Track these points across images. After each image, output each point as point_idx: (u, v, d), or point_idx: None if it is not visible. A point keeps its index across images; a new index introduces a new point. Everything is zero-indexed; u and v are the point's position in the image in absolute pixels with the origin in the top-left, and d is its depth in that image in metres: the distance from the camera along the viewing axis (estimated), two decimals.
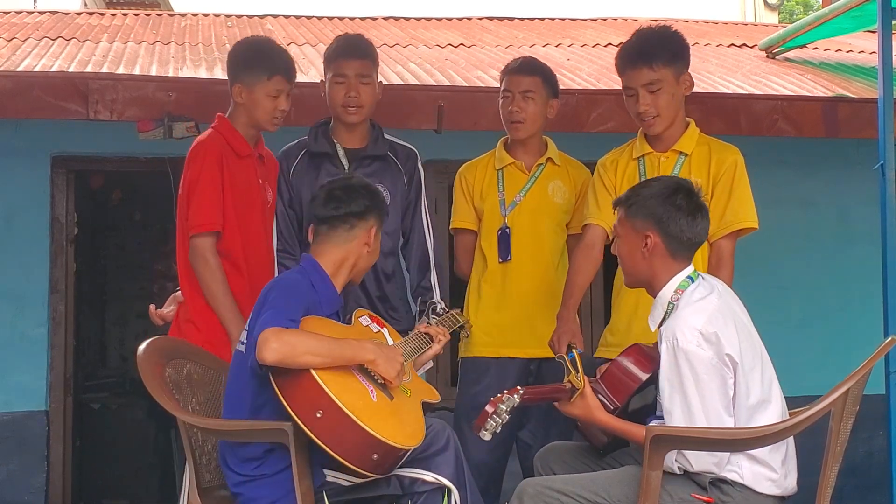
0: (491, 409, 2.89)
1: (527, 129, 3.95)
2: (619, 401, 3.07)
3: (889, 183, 4.17)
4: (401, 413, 3.05)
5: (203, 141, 3.66)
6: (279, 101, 3.64)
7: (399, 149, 3.96)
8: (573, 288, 3.71)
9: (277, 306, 2.96)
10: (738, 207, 3.57)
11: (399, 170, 3.91)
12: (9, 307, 5.50)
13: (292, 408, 2.88)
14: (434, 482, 3.06)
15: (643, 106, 3.56)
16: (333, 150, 3.87)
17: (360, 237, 3.24)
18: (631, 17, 9.22)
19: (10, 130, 5.44)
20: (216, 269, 3.51)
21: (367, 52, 3.91)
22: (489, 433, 2.90)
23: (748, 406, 2.91)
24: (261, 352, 2.84)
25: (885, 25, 4.37)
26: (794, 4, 20.56)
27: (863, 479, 5.59)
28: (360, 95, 3.81)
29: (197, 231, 3.52)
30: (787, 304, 5.91)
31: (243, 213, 3.61)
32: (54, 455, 5.56)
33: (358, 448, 2.88)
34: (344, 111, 3.83)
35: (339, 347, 2.96)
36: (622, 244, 3.11)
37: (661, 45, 3.60)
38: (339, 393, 2.88)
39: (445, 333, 3.47)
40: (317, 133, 3.91)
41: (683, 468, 2.90)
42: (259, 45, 3.82)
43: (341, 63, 3.84)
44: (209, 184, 3.54)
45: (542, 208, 3.97)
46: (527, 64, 4.02)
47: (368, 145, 3.89)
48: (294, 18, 8.17)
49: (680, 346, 2.87)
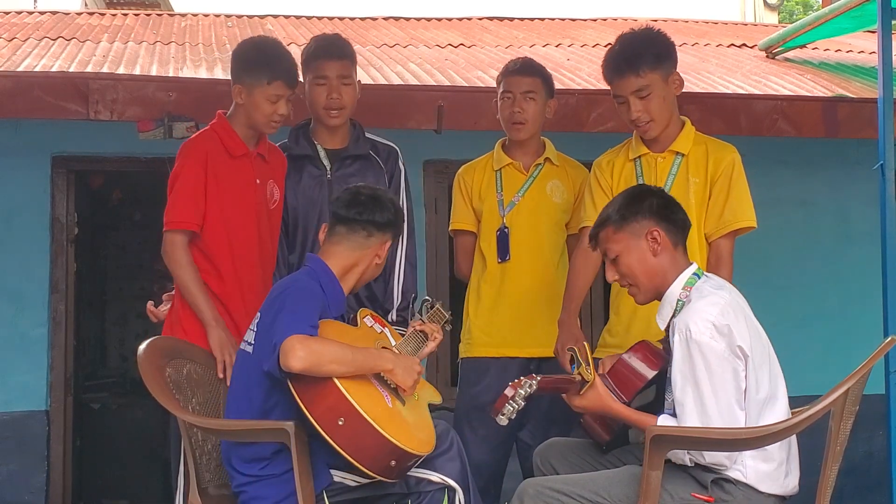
0: (510, 392, 2.93)
1: (528, 130, 3.95)
2: (626, 396, 3.08)
3: (889, 183, 4.17)
4: (414, 418, 3.09)
5: (192, 139, 3.65)
6: (278, 106, 3.60)
7: (381, 147, 3.93)
8: (573, 291, 3.71)
9: (297, 311, 2.96)
10: (737, 206, 3.57)
11: (381, 168, 3.87)
12: (9, 307, 5.50)
13: (313, 415, 2.89)
14: (440, 482, 3.09)
15: (635, 113, 3.53)
16: (314, 151, 3.84)
17: (374, 247, 3.24)
18: (631, 18, 9.22)
19: (10, 130, 5.44)
20: (186, 265, 3.49)
21: (347, 52, 3.87)
22: (506, 417, 2.95)
23: (758, 400, 2.92)
24: (287, 360, 2.84)
25: (884, 25, 4.38)
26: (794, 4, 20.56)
27: (863, 479, 5.59)
28: (342, 97, 3.77)
29: (169, 227, 3.52)
30: (787, 304, 5.91)
31: (232, 214, 3.58)
32: (54, 455, 5.56)
33: (378, 455, 2.91)
34: (326, 114, 3.79)
35: (362, 357, 2.99)
36: (625, 258, 3.06)
37: (645, 49, 3.55)
38: (360, 400, 2.90)
39: (440, 331, 3.48)
40: (297, 135, 3.88)
41: (695, 460, 2.91)
42: (264, 48, 3.77)
43: (322, 64, 3.79)
44: (187, 182, 3.53)
45: (541, 208, 3.97)
46: (527, 65, 4.03)
47: (349, 145, 3.86)
48: (294, 18, 8.17)
49: (693, 337, 2.88)
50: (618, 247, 3.07)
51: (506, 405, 2.92)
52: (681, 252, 3.09)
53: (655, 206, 3.07)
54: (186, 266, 3.49)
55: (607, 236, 3.09)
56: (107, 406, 7.03)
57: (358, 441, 2.88)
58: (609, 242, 3.09)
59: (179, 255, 3.49)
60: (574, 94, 5.19)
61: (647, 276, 3.06)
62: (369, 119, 4.13)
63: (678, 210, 3.13)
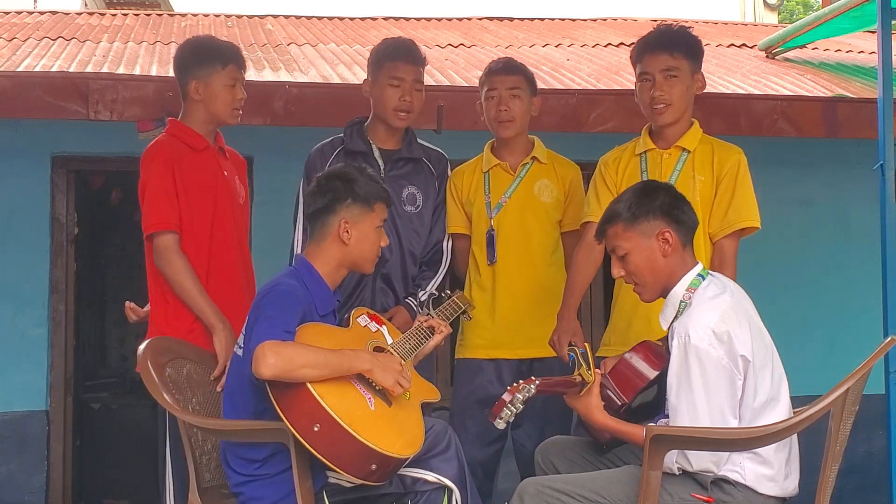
0: (508, 397, 2.92)
1: (515, 128, 3.95)
2: (627, 397, 3.07)
3: (889, 183, 4.17)
4: (399, 420, 3.05)
5: (152, 146, 3.61)
6: (236, 91, 3.61)
7: (432, 153, 3.99)
8: (574, 287, 3.72)
9: (272, 317, 2.95)
10: (741, 207, 3.57)
11: (432, 173, 3.94)
12: (9, 307, 5.50)
13: (290, 421, 2.87)
14: (436, 482, 3.08)
15: (658, 91, 3.56)
16: (369, 149, 3.87)
17: (332, 233, 3.19)
18: (631, 17, 9.24)
19: (10, 130, 5.44)
20: (182, 266, 3.44)
21: (423, 59, 3.91)
22: (503, 421, 2.94)
23: (753, 407, 2.91)
24: (257, 366, 2.84)
25: (884, 25, 4.37)
26: (794, 4, 20.57)
27: (862, 479, 5.59)
28: (413, 101, 3.82)
29: (154, 230, 3.47)
30: (787, 304, 5.91)
31: (204, 209, 3.54)
32: (54, 455, 5.56)
33: (356, 459, 2.89)
34: (395, 115, 3.81)
35: (337, 359, 2.94)
36: (634, 257, 3.03)
37: (682, 37, 3.66)
38: (336, 405, 2.87)
39: (447, 325, 3.45)
40: (352, 132, 3.91)
41: (682, 468, 2.91)
42: (203, 41, 3.82)
43: (399, 66, 3.81)
44: (158, 185, 3.49)
45: (528, 208, 3.97)
46: (509, 64, 4.04)
47: (403, 147, 3.90)
48: (294, 18, 8.18)
49: (692, 343, 2.87)
50: (627, 245, 3.03)
51: (503, 409, 2.91)
52: (689, 251, 3.07)
53: (667, 204, 3.03)
54: (185, 269, 3.44)
55: (616, 233, 3.05)
56: (107, 406, 7.02)
57: (335, 446, 2.86)
58: (618, 240, 3.05)
59: (175, 257, 3.44)
60: (574, 94, 5.20)
61: (655, 276, 3.04)
62: None
63: (688, 209, 3.09)
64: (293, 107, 4.74)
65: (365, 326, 3.31)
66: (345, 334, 3.18)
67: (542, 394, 3.03)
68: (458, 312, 3.74)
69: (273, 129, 5.01)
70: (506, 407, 2.91)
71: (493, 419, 2.94)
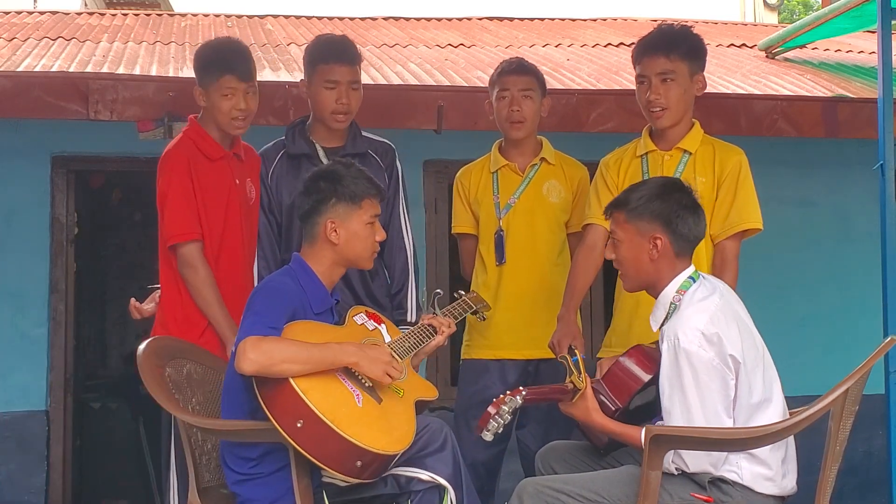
0: (493, 409, 2.90)
1: (527, 128, 3.95)
2: (620, 401, 3.07)
3: (889, 183, 4.17)
4: (388, 416, 3.02)
5: (171, 150, 3.62)
6: (235, 101, 3.56)
7: (377, 145, 3.91)
8: (574, 289, 3.71)
9: (259, 312, 2.95)
10: (743, 208, 3.57)
11: (380, 166, 3.84)
12: (9, 307, 5.50)
13: (274, 417, 2.86)
14: (430, 481, 3.05)
15: (653, 95, 3.55)
16: (313, 150, 3.80)
17: (321, 234, 3.18)
18: (631, 17, 9.23)
19: (10, 130, 5.44)
20: (206, 276, 3.49)
21: (357, 58, 3.84)
22: (491, 433, 2.91)
23: (749, 405, 2.91)
24: (238, 362, 2.84)
25: (884, 25, 4.37)
26: (794, 4, 20.56)
27: (862, 479, 5.59)
28: (351, 102, 3.75)
29: (178, 240, 3.50)
30: (787, 304, 5.91)
31: (216, 218, 3.57)
32: (54, 455, 5.56)
33: (340, 456, 2.87)
34: (333, 118, 3.76)
35: (320, 353, 2.92)
36: (625, 249, 3.06)
37: (682, 39, 3.62)
38: (320, 401, 2.86)
39: (451, 324, 3.41)
40: (294, 134, 3.85)
41: (680, 469, 2.91)
42: (217, 47, 3.78)
43: (334, 69, 3.74)
44: (181, 194, 3.51)
45: (537, 209, 3.97)
46: (522, 64, 4.04)
47: (347, 144, 3.83)
48: (294, 18, 8.17)
49: (681, 346, 2.87)
50: (622, 234, 3.06)
51: (490, 421, 2.88)
52: (682, 260, 3.05)
53: (670, 212, 3.01)
54: (208, 279, 3.48)
55: (617, 220, 3.08)
56: (107, 406, 7.02)
57: (319, 443, 2.84)
58: (616, 226, 3.08)
59: (201, 267, 3.48)
60: (574, 94, 5.19)
61: (637, 273, 3.07)
62: (369, 119, 4.13)
63: (695, 223, 3.04)
64: (293, 107, 4.74)
65: (362, 324, 3.28)
66: (338, 332, 3.16)
67: (531, 403, 3.02)
68: (468, 312, 3.68)
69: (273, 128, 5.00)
70: (492, 419, 2.88)
71: (479, 432, 2.91)
